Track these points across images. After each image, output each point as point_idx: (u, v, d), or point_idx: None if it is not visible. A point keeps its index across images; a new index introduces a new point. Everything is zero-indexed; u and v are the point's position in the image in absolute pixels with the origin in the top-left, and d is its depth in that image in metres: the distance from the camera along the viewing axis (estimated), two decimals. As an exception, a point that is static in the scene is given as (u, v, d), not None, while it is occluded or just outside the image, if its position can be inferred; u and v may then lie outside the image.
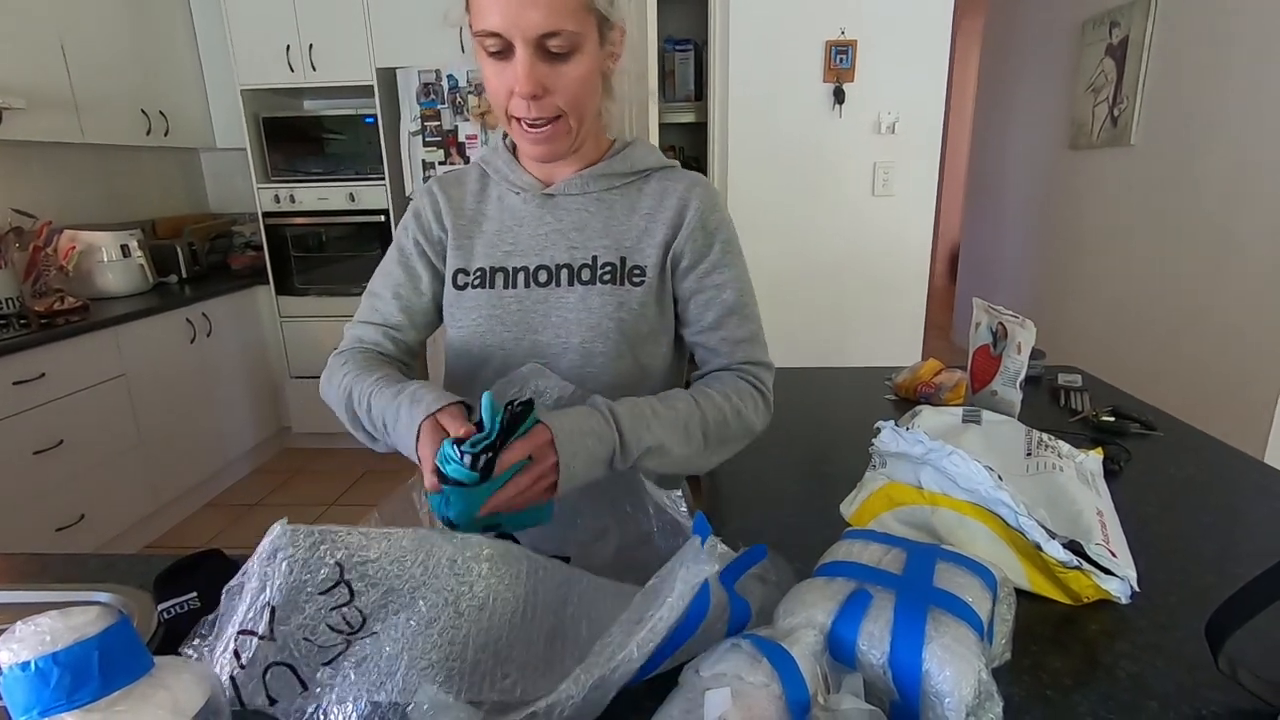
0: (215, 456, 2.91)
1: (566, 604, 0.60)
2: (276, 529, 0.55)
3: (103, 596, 0.69)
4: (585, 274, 0.86)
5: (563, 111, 0.77)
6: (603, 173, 0.88)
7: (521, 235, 0.88)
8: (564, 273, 0.86)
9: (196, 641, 0.54)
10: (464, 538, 0.59)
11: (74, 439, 2.21)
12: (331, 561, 0.54)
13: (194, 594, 0.68)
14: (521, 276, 0.87)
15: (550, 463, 0.67)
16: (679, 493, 0.67)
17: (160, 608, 0.67)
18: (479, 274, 0.88)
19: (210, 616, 0.55)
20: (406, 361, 0.93)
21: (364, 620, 0.53)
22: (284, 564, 0.53)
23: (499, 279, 0.87)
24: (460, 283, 0.89)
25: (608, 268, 0.86)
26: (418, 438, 0.71)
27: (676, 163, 0.92)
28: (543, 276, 0.86)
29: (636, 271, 0.86)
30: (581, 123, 0.81)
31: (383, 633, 0.53)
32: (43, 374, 2.10)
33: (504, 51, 0.73)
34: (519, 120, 0.78)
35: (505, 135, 0.90)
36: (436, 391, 0.74)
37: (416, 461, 0.72)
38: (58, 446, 2.15)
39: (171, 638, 0.64)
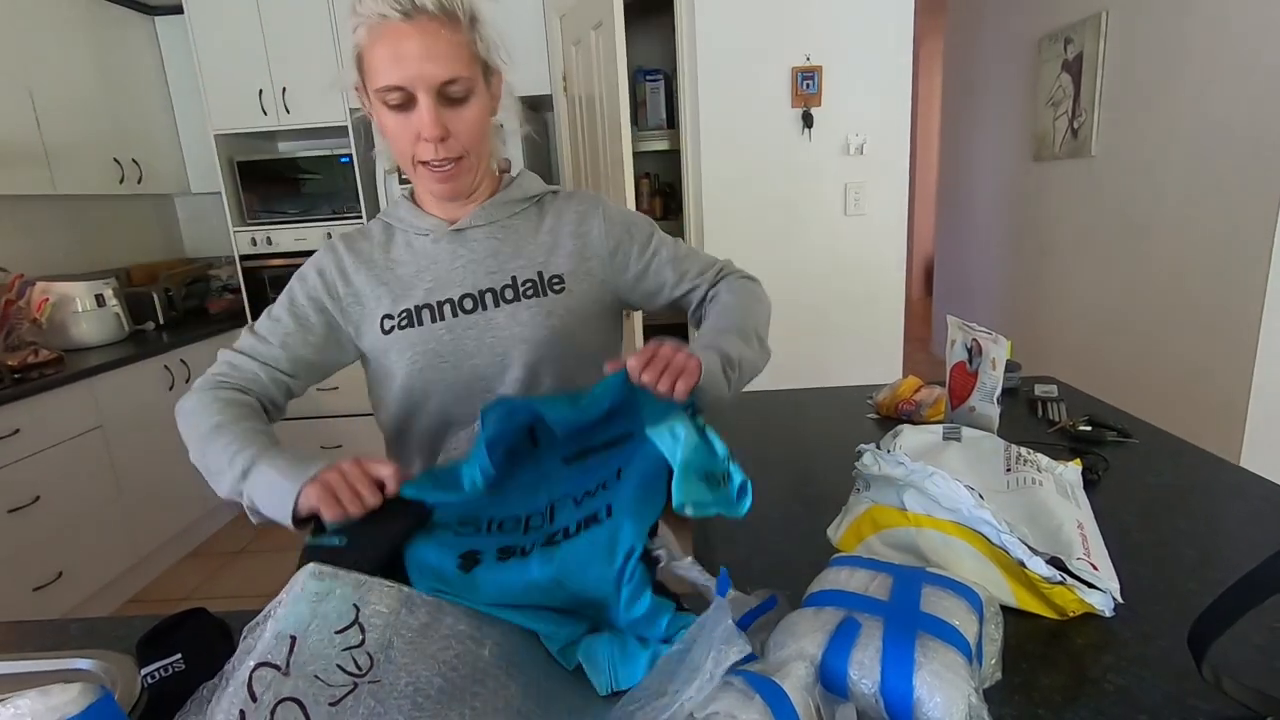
0: (195, 505, 2.86)
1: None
2: (306, 571, 0.56)
3: (84, 664, 0.68)
4: (509, 293, 0.91)
5: (465, 151, 0.84)
6: (503, 201, 0.95)
7: (439, 271, 0.93)
8: (488, 296, 0.91)
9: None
10: (473, 609, 0.59)
11: (50, 495, 2.17)
12: (349, 603, 0.55)
13: (178, 655, 0.67)
14: (448, 308, 0.91)
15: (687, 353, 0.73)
16: (689, 559, 0.64)
17: (144, 672, 0.65)
18: (405, 315, 0.91)
19: (211, 682, 0.54)
20: (275, 404, 0.91)
21: (372, 664, 0.54)
22: (309, 597, 0.54)
23: (425, 315, 0.91)
24: (387, 327, 0.91)
25: (529, 283, 0.92)
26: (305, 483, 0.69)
27: (558, 186, 1.03)
28: (468, 304, 0.91)
29: (556, 280, 0.93)
30: (481, 160, 0.89)
31: (385, 681, 0.54)
32: (17, 430, 2.06)
33: (405, 104, 0.79)
34: (425, 164, 0.84)
35: (402, 186, 0.96)
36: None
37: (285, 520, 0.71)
38: (34, 503, 2.11)
39: (156, 701, 0.63)
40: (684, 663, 0.53)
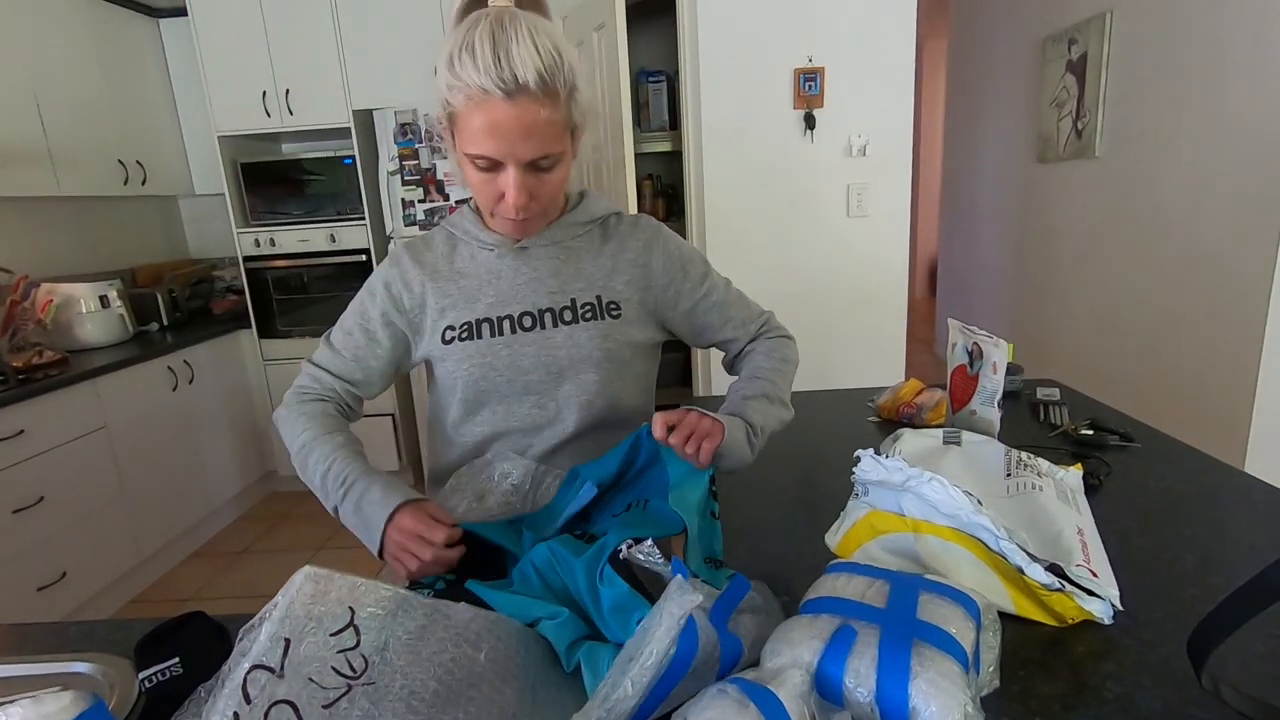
0: (199, 505, 2.87)
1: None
2: (302, 573, 0.56)
3: (82, 667, 0.68)
4: (567, 315, 0.94)
5: (544, 210, 0.88)
6: (569, 223, 0.96)
7: (501, 287, 0.95)
8: (547, 316, 0.94)
9: None
10: (469, 614, 0.60)
11: (55, 495, 2.17)
12: (345, 605, 0.55)
13: (176, 659, 0.67)
14: (507, 324, 0.93)
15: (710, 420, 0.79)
16: (649, 543, 0.67)
17: (141, 675, 0.65)
18: (465, 328, 0.94)
19: (208, 683, 0.54)
20: (353, 409, 1.00)
21: (367, 666, 0.54)
22: (304, 599, 0.54)
23: (485, 329, 0.93)
24: (448, 338, 0.95)
25: (588, 306, 0.95)
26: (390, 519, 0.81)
27: (621, 208, 1.04)
28: (527, 322, 0.93)
29: (613, 306, 0.95)
30: (556, 206, 0.93)
31: (380, 684, 0.54)
32: (21, 430, 2.07)
33: (493, 168, 0.80)
34: (503, 222, 0.88)
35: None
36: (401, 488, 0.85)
37: (372, 545, 0.84)
38: (38, 504, 2.11)
39: (154, 705, 0.63)
40: (649, 631, 0.53)
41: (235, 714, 0.50)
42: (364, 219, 3.08)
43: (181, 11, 2.99)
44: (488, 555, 0.82)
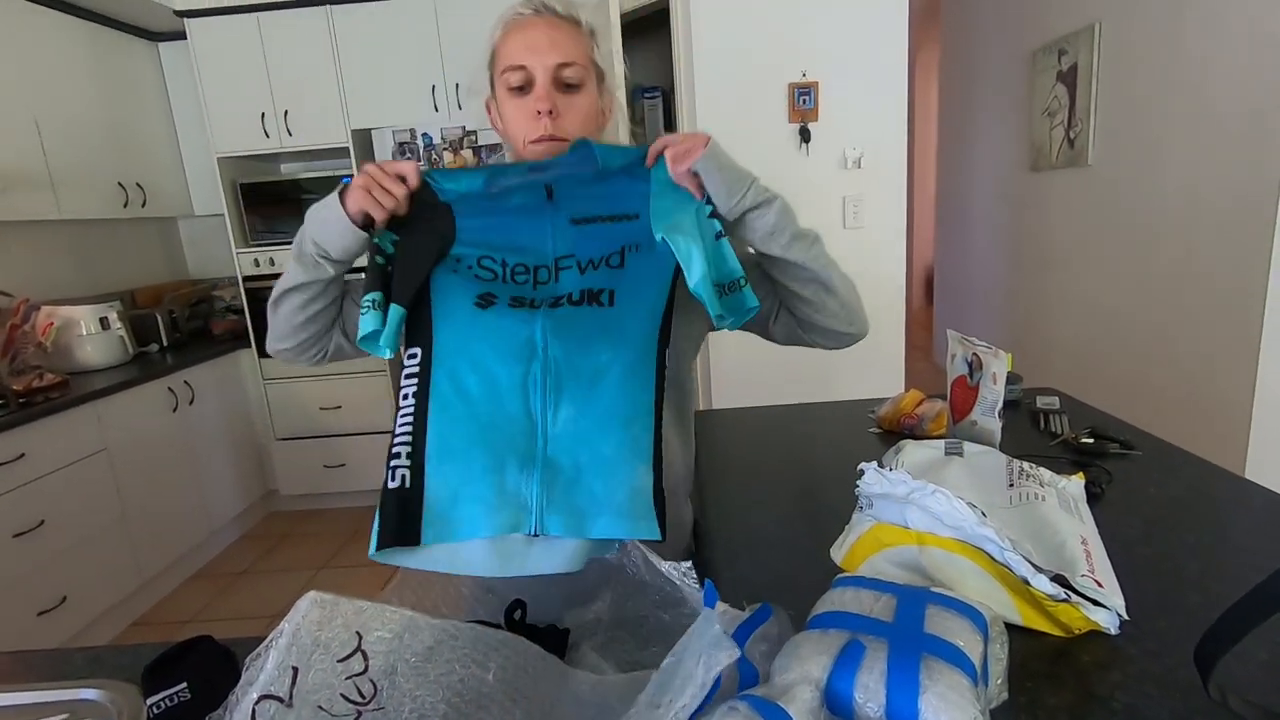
0: (201, 526, 2.86)
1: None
2: (307, 599, 0.56)
3: (91, 694, 0.68)
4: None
5: (570, 136, 0.86)
6: None
7: None
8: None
9: None
10: (475, 633, 0.59)
11: (55, 518, 2.17)
12: (352, 630, 0.55)
13: (184, 684, 0.67)
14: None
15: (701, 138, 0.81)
16: (688, 564, 0.66)
17: (149, 702, 0.65)
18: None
19: (215, 713, 0.54)
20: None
21: (375, 690, 0.54)
22: (310, 625, 0.54)
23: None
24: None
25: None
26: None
27: None
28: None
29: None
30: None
31: (389, 709, 0.54)
32: (22, 454, 2.07)
33: (524, 86, 0.86)
34: (534, 142, 0.87)
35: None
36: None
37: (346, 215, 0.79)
38: (38, 528, 2.11)
39: (162, 732, 0.63)
40: (676, 674, 0.53)
41: None
42: (363, 237, 3.09)
43: (181, 35, 3.02)
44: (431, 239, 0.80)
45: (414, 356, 0.75)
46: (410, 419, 0.72)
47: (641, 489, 0.70)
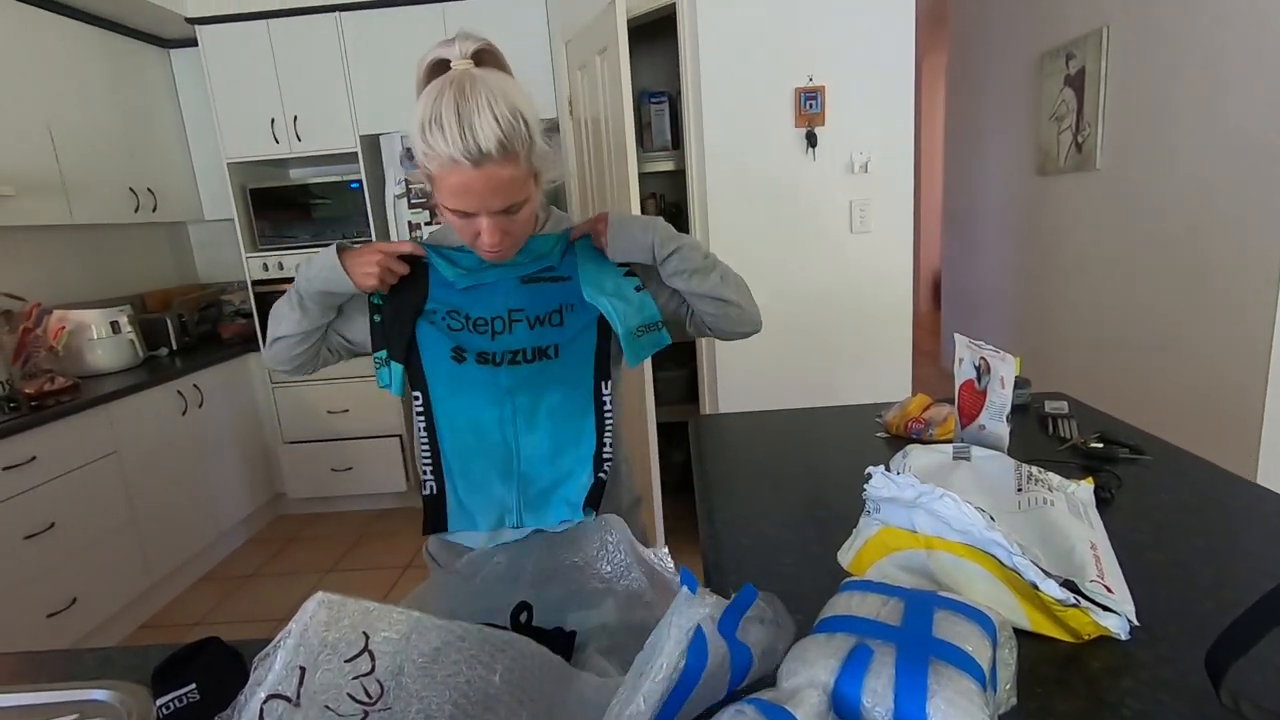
0: (209, 529, 2.87)
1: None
2: (314, 599, 0.56)
3: (100, 694, 0.68)
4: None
5: (517, 241, 0.95)
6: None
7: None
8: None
9: None
10: (483, 635, 0.60)
11: (65, 521, 2.18)
12: (359, 631, 0.55)
13: (193, 685, 0.67)
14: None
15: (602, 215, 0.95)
16: (665, 549, 0.72)
17: (159, 703, 0.66)
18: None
19: (224, 714, 0.55)
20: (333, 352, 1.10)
21: (382, 691, 0.54)
22: (317, 626, 0.54)
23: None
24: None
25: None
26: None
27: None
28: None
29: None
30: (527, 236, 0.99)
31: (396, 709, 0.54)
32: (33, 457, 2.09)
33: (468, 215, 0.88)
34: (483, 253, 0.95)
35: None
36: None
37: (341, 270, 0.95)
38: (49, 530, 2.12)
39: (171, 733, 0.63)
40: (655, 651, 0.53)
41: None
42: (371, 242, 3.10)
43: (192, 42, 3.05)
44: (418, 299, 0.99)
45: (418, 398, 0.97)
46: (427, 445, 0.97)
47: (585, 487, 0.96)
